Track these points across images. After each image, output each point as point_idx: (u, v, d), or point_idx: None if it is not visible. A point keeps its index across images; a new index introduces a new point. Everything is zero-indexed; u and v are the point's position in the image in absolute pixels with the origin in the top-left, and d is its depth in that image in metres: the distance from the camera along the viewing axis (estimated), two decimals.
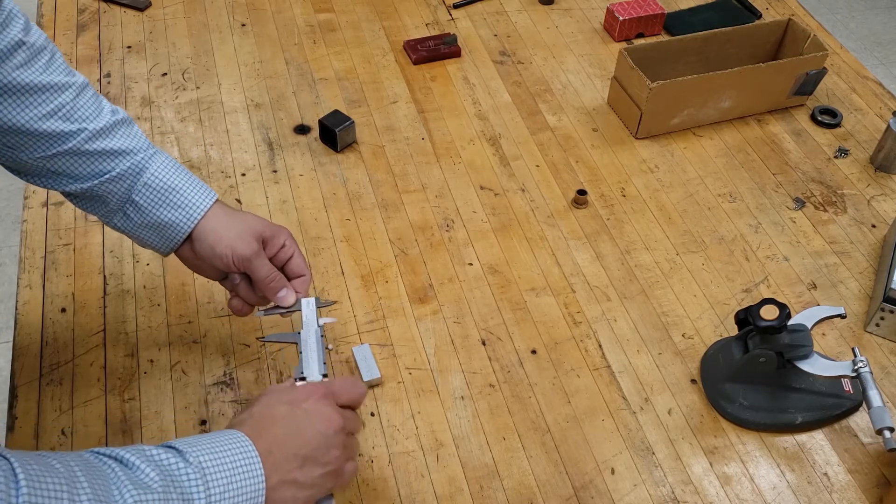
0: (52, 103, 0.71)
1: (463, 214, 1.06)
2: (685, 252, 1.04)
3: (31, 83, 0.70)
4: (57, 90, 0.72)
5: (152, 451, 0.58)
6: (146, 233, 0.77)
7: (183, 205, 0.76)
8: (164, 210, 0.76)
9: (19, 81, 0.70)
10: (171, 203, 0.76)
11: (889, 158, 1.15)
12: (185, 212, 0.76)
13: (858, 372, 0.81)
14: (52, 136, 0.72)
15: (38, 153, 0.72)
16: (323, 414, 0.66)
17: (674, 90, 1.14)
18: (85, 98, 0.74)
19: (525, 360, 0.91)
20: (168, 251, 0.79)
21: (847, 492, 0.82)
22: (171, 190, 0.76)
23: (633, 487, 0.81)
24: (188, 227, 0.76)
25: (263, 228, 0.79)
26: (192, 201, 0.76)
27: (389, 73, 1.27)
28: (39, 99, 0.71)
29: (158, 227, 0.76)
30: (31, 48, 0.71)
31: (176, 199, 0.76)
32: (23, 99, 0.70)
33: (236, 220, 0.78)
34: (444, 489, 0.80)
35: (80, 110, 0.73)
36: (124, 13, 1.34)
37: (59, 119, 0.72)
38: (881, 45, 3.02)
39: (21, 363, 0.87)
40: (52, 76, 0.72)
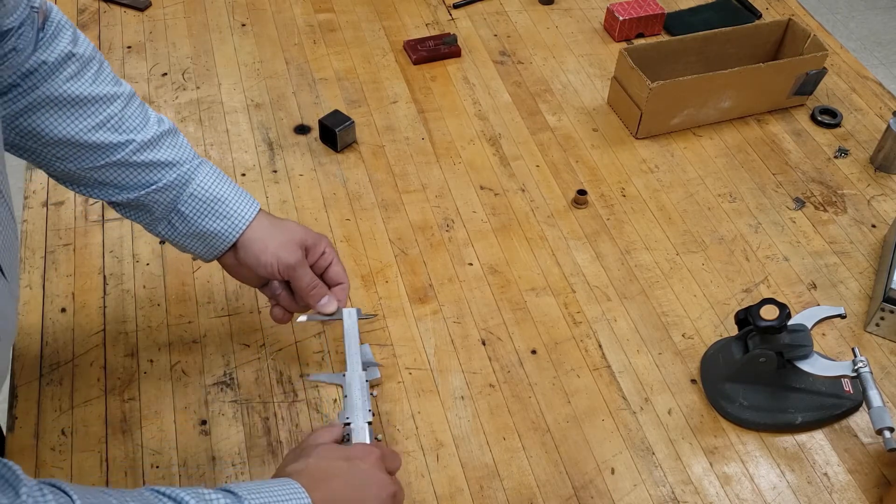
0: (101, 114, 0.72)
1: (463, 214, 1.06)
2: (685, 252, 1.04)
3: (81, 95, 0.71)
4: (106, 101, 0.73)
5: (210, 494, 0.58)
6: (190, 241, 0.78)
7: (228, 215, 0.77)
8: (210, 220, 0.77)
9: (69, 93, 0.70)
10: (216, 213, 0.77)
11: (889, 158, 1.15)
12: (230, 222, 0.77)
13: (858, 372, 0.81)
14: (101, 147, 0.73)
15: (87, 164, 0.73)
16: (380, 479, 0.67)
17: (674, 90, 1.14)
18: (132, 108, 0.75)
19: (525, 360, 0.91)
20: (211, 258, 0.80)
21: (847, 492, 0.82)
22: (217, 200, 0.77)
23: (633, 487, 0.81)
24: (233, 236, 0.78)
25: (305, 236, 0.80)
26: (237, 211, 0.78)
27: (389, 73, 1.27)
28: (89, 111, 0.72)
29: (203, 236, 0.78)
30: (80, 59, 0.72)
31: (221, 210, 0.77)
32: (72, 111, 0.71)
33: (280, 228, 0.79)
34: (444, 489, 0.80)
35: (128, 121, 0.74)
36: (124, 13, 1.34)
37: (108, 130, 0.72)
38: (881, 45, 3.02)
39: (21, 363, 0.87)
40: (101, 87, 0.72)
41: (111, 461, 0.80)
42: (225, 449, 0.81)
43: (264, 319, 0.92)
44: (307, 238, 0.80)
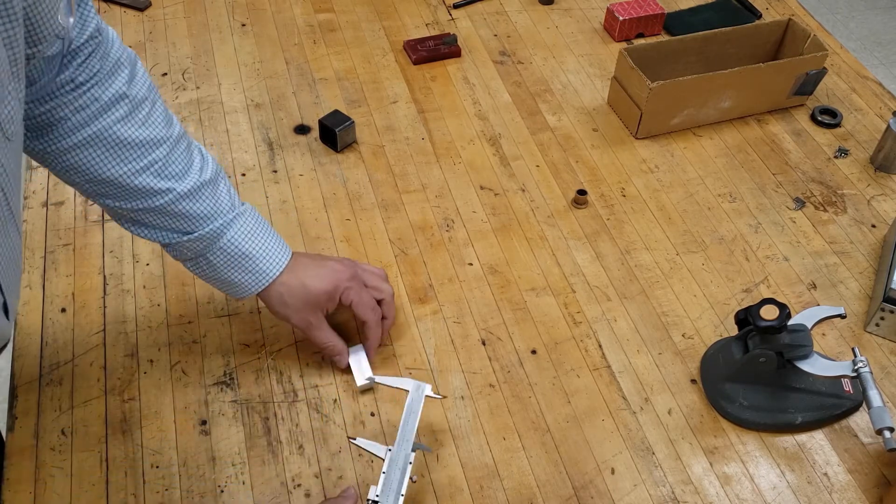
0: (146, 158, 0.73)
1: (463, 214, 1.06)
2: (685, 252, 1.04)
3: (129, 138, 0.71)
4: (152, 145, 0.73)
5: None
6: (214, 283, 0.82)
7: (254, 270, 0.80)
8: (236, 273, 0.80)
9: (118, 135, 0.71)
10: (242, 268, 0.79)
11: (889, 158, 1.15)
12: (255, 276, 0.80)
13: (858, 372, 0.81)
14: (143, 191, 0.74)
15: (127, 205, 0.75)
16: None
17: (674, 90, 1.14)
18: (178, 152, 0.76)
19: (525, 360, 0.91)
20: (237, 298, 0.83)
21: (847, 492, 0.82)
22: (246, 257, 0.79)
23: (633, 487, 0.81)
24: (256, 289, 0.81)
25: (329, 287, 0.82)
26: (264, 268, 0.80)
27: (389, 73, 1.27)
28: (134, 154, 0.72)
29: (227, 283, 0.81)
30: (133, 101, 0.72)
31: (248, 265, 0.79)
32: (118, 153, 0.72)
33: (304, 283, 0.81)
34: (444, 489, 0.80)
35: (172, 166, 0.75)
36: (124, 13, 1.34)
37: (152, 175, 0.73)
38: (881, 45, 3.02)
39: (21, 363, 0.87)
40: (150, 130, 0.73)
41: (111, 461, 0.80)
42: (225, 449, 0.81)
43: (264, 319, 0.92)
44: (332, 288, 0.82)
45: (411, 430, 0.76)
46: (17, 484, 0.78)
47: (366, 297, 0.85)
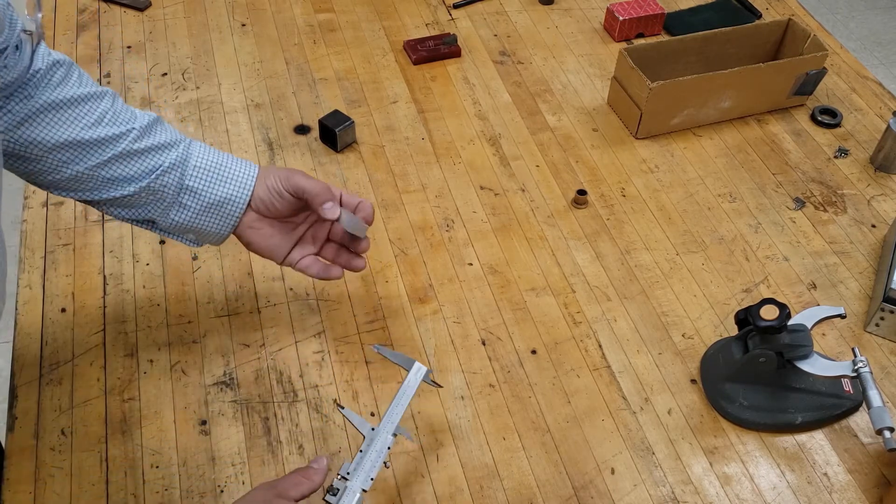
0: (96, 111, 0.74)
1: (463, 214, 1.06)
2: (685, 252, 1.04)
3: (74, 96, 0.73)
4: (97, 98, 0.74)
5: None
6: (206, 217, 0.79)
7: (235, 178, 0.79)
8: (219, 186, 0.78)
9: (64, 97, 0.72)
10: (223, 178, 0.79)
11: (889, 158, 1.15)
12: (238, 183, 0.79)
13: (858, 372, 0.81)
14: (104, 141, 0.74)
15: (93, 161, 0.74)
16: None
17: (674, 90, 1.14)
18: (119, 103, 0.77)
19: (525, 360, 0.91)
20: (228, 231, 0.80)
21: (847, 492, 0.82)
22: (221, 167, 0.79)
23: (633, 487, 0.81)
24: (246, 195, 0.79)
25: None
26: (242, 172, 0.79)
27: (389, 73, 1.27)
28: (85, 109, 0.73)
29: (217, 205, 0.79)
30: (64, 64, 0.74)
31: (227, 174, 0.79)
32: (70, 112, 0.72)
33: (286, 169, 0.82)
34: (444, 489, 0.80)
35: (121, 114, 0.76)
36: (124, 13, 1.34)
37: (107, 124, 0.74)
38: (881, 45, 3.02)
39: (21, 363, 0.87)
40: (89, 87, 0.74)
41: (111, 461, 0.80)
42: (225, 449, 0.81)
43: (264, 319, 0.92)
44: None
45: (398, 415, 0.75)
46: (17, 484, 0.78)
47: None
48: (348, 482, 0.70)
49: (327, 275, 0.83)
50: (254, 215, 0.80)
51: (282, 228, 0.82)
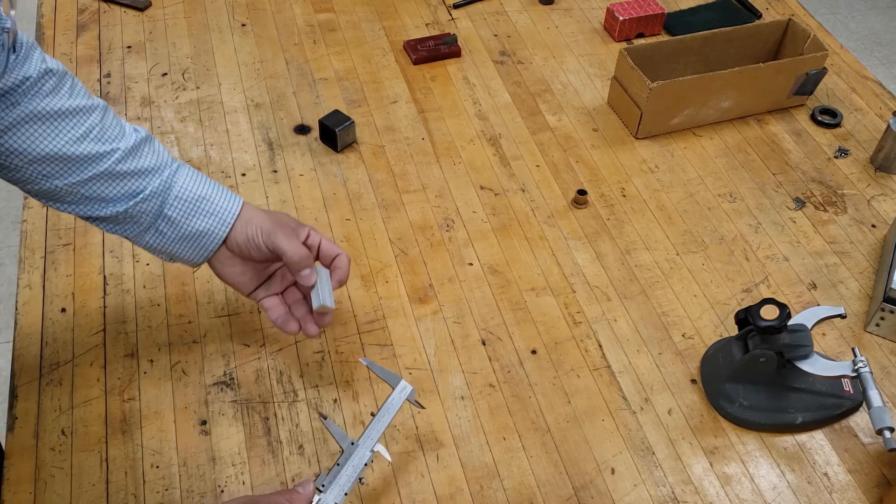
0: (83, 126, 0.72)
1: (463, 214, 1.06)
2: (685, 252, 1.04)
3: (63, 108, 0.71)
4: (86, 112, 0.73)
5: None
6: (180, 245, 0.78)
7: (215, 212, 0.77)
8: (198, 219, 0.77)
9: (52, 108, 0.70)
10: (203, 212, 0.77)
11: (889, 158, 1.15)
12: (218, 218, 0.77)
13: (858, 372, 0.81)
14: (87, 158, 0.72)
15: (74, 178, 0.72)
16: None
17: (674, 90, 1.14)
18: (109, 118, 0.75)
19: (525, 360, 0.91)
20: (202, 261, 0.79)
21: (847, 492, 0.82)
22: (203, 199, 0.77)
23: (633, 487, 0.81)
24: (223, 231, 0.77)
25: (290, 220, 0.80)
26: (224, 207, 0.77)
27: (389, 73, 1.27)
28: (72, 123, 0.72)
29: (193, 237, 0.77)
30: (56, 74, 0.72)
31: (208, 208, 0.77)
32: (55, 124, 0.71)
33: (265, 211, 0.80)
34: (444, 489, 0.80)
35: (109, 131, 0.74)
36: (124, 13, 1.34)
37: (92, 141, 0.72)
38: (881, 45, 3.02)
39: (21, 363, 0.87)
40: (79, 100, 0.73)
41: (111, 461, 0.80)
42: (225, 449, 0.81)
43: (264, 319, 0.92)
44: (291, 221, 0.80)
45: (378, 431, 0.74)
46: (17, 484, 0.78)
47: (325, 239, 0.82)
48: (322, 495, 0.70)
49: (283, 327, 0.81)
50: (227, 252, 0.79)
51: (253, 267, 0.81)
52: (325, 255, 0.82)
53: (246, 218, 0.78)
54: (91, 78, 1.22)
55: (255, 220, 0.78)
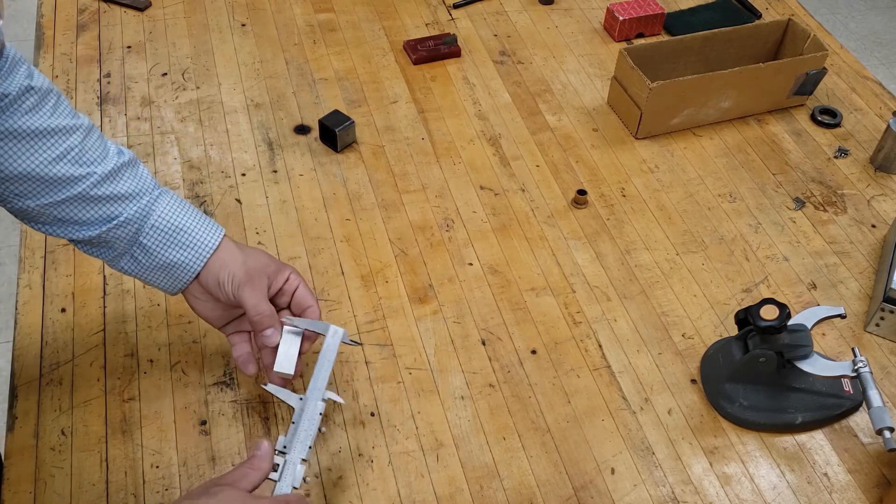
0: (60, 146, 0.70)
1: (463, 214, 1.06)
2: (685, 252, 1.04)
3: (41, 127, 0.69)
4: (65, 133, 0.71)
5: None
6: (155, 274, 0.76)
7: (192, 244, 0.75)
8: (173, 251, 0.75)
9: (29, 126, 0.69)
10: (179, 243, 0.75)
11: (889, 158, 1.15)
12: (194, 251, 0.75)
13: (858, 372, 0.81)
14: (61, 181, 0.71)
15: (47, 199, 0.71)
16: None
17: (674, 90, 1.14)
18: (92, 140, 0.73)
19: (525, 360, 0.91)
20: (176, 291, 0.78)
21: (847, 492, 0.82)
22: (180, 230, 0.75)
23: (633, 487, 0.81)
24: (198, 265, 0.76)
25: (268, 263, 0.78)
26: (201, 240, 0.76)
27: (389, 73, 1.27)
28: (49, 143, 0.70)
29: (167, 267, 0.76)
30: (38, 92, 0.70)
31: (184, 239, 0.75)
32: (32, 143, 0.69)
33: (244, 253, 0.78)
34: (444, 489, 0.80)
35: (88, 153, 0.72)
36: (124, 13, 1.34)
37: (68, 163, 0.71)
38: (881, 45, 3.02)
39: (21, 363, 0.87)
40: (60, 119, 0.71)
41: (111, 461, 0.80)
42: (225, 449, 0.81)
43: None
44: (270, 265, 0.78)
45: (324, 379, 0.74)
46: (17, 484, 0.78)
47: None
48: (287, 455, 0.70)
49: (242, 367, 0.80)
50: (200, 287, 0.77)
51: (223, 306, 0.79)
52: (297, 304, 0.80)
53: (221, 259, 0.76)
54: (91, 78, 1.22)
55: (229, 264, 0.76)
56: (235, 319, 0.81)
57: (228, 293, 0.76)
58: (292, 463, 0.70)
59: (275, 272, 0.79)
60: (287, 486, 0.70)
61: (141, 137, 1.13)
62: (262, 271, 0.77)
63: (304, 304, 0.80)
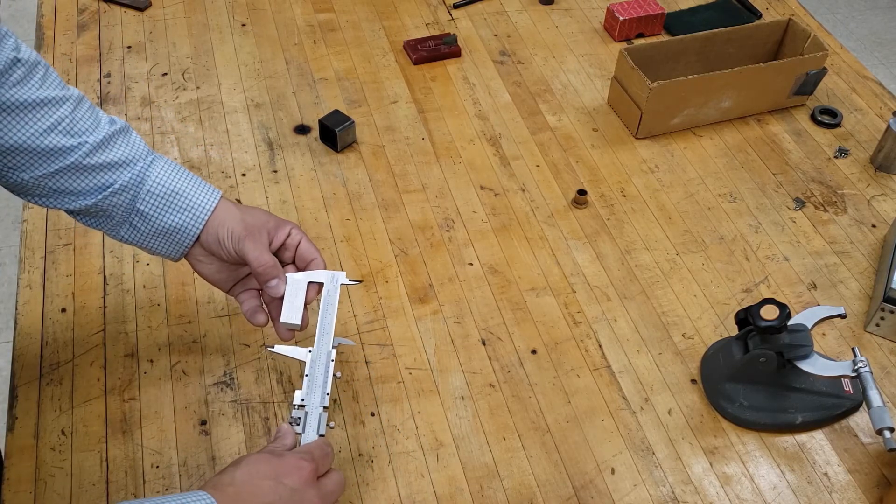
0: (51, 118, 0.71)
1: (463, 214, 1.06)
2: (685, 252, 1.04)
3: (30, 99, 0.69)
4: (55, 104, 0.71)
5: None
6: (155, 241, 0.76)
7: (189, 207, 0.75)
8: (171, 215, 0.75)
9: (18, 99, 0.69)
10: (177, 207, 0.75)
11: (889, 158, 1.15)
12: (192, 214, 0.75)
13: (858, 372, 0.81)
14: (54, 151, 0.71)
15: (40, 171, 0.71)
16: (306, 500, 0.65)
17: (674, 90, 1.14)
18: (82, 110, 0.73)
19: (525, 360, 0.91)
20: (179, 256, 0.78)
21: (847, 492, 0.82)
22: (176, 194, 0.75)
23: (633, 487, 0.81)
24: (197, 228, 0.76)
25: (268, 219, 0.79)
26: (198, 202, 0.76)
27: (389, 73, 1.27)
28: (39, 114, 0.70)
29: (167, 233, 0.76)
30: (26, 64, 0.70)
31: (181, 203, 0.75)
32: (22, 116, 0.69)
33: (243, 211, 0.78)
34: (444, 489, 0.80)
35: (80, 123, 0.72)
36: (124, 13, 1.34)
37: (60, 133, 0.71)
38: (881, 45, 3.02)
39: (21, 363, 0.87)
40: (49, 91, 0.71)
41: (111, 461, 0.80)
42: (225, 449, 0.81)
43: None
44: (269, 221, 0.78)
45: (330, 325, 0.74)
46: (17, 484, 0.78)
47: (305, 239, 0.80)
48: (306, 406, 0.71)
49: (251, 318, 0.80)
50: (202, 250, 0.78)
51: (228, 266, 0.80)
52: (301, 257, 0.80)
53: (220, 218, 0.76)
54: (91, 78, 1.22)
55: (227, 221, 0.76)
56: (242, 280, 0.81)
57: (230, 249, 0.76)
58: (314, 409, 0.71)
59: (275, 227, 0.78)
60: (312, 434, 0.71)
61: (141, 137, 1.13)
62: (261, 227, 0.77)
63: (307, 257, 0.80)
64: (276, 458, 0.66)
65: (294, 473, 0.65)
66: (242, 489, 0.63)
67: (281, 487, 0.64)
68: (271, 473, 0.65)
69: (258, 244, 0.76)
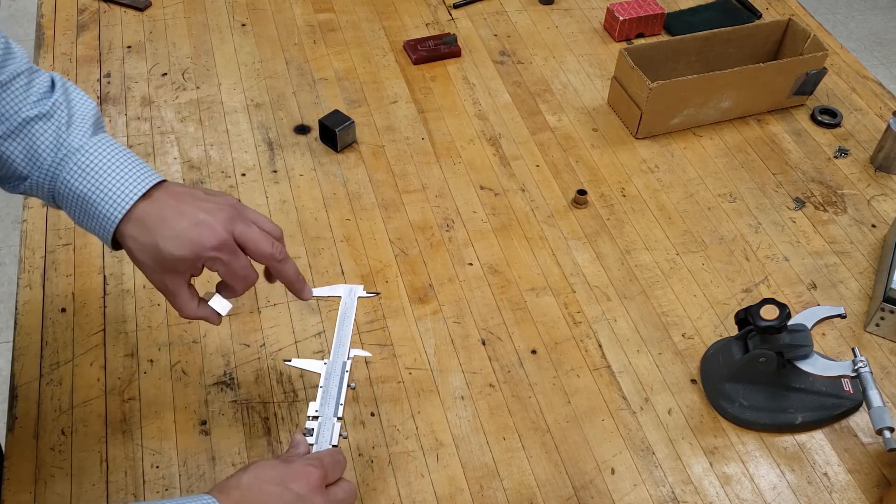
0: None
1: (463, 214, 1.06)
2: (685, 252, 1.04)
3: None
4: None
5: None
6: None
7: (96, 215, 0.68)
8: (85, 220, 0.69)
9: None
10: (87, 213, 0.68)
11: (889, 158, 1.15)
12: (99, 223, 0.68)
13: (858, 372, 0.81)
14: None
15: None
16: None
17: (674, 90, 1.14)
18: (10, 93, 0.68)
19: (525, 360, 0.91)
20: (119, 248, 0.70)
21: (847, 492, 0.82)
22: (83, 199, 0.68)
23: (633, 487, 0.81)
24: (108, 238, 0.68)
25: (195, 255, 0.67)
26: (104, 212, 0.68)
27: (389, 73, 1.27)
28: None
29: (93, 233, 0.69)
30: None
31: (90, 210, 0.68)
32: None
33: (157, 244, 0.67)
34: (444, 489, 0.80)
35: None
36: (124, 13, 1.34)
37: None
38: (881, 45, 3.02)
39: (21, 363, 0.87)
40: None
41: (111, 461, 0.80)
42: (225, 449, 0.81)
43: (264, 319, 0.92)
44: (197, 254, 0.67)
45: (346, 336, 0.75)
46: (17, 484, 0.78)
47: (243, 261, 0.69)
48: (320, 417, 0.72)
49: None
50: None
51: None
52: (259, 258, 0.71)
53: (129, 234, 0.67)
54: (91, 78, 1.22)
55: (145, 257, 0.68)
56: None
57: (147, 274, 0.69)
58: (328, 419, 0.71)
59: (198, 259, 0.67)
60: (325, 444, 0.71)
61: (141, 137, 1.13)
62: (183, 266, 0.68)
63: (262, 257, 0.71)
64: (285, 463, 0.66)
65: (301, 479, 0.65)
66: (248, 493, 0.63)
67: (287, 493, 0.63)
68: (278, 479, 0.64)
69: (184, 295, 0.69)
